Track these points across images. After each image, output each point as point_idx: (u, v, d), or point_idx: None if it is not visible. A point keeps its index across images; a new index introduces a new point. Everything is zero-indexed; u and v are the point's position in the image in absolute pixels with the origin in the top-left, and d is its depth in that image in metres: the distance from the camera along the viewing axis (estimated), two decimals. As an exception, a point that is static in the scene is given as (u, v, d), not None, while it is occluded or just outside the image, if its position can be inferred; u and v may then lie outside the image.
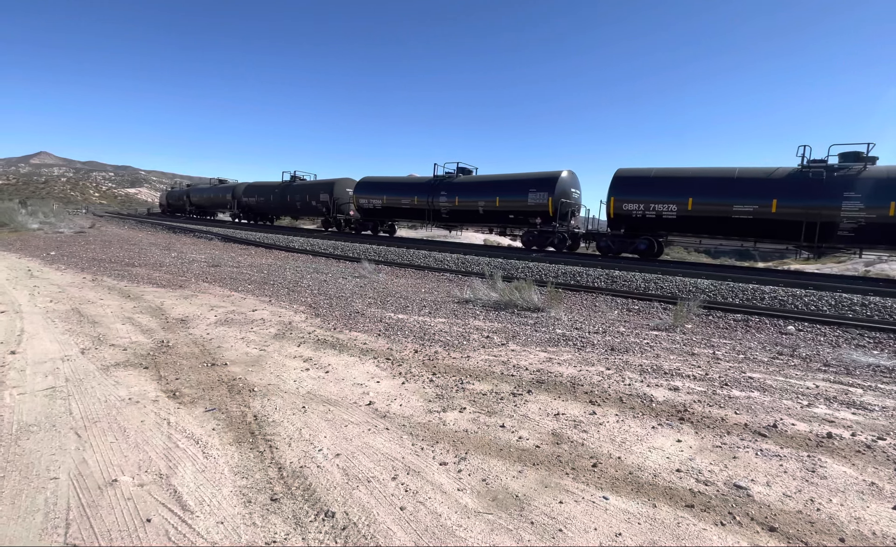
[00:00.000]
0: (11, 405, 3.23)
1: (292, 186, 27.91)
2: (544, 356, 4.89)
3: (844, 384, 4.34)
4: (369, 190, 23.22)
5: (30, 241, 15.26)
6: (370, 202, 22.90)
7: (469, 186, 19.58)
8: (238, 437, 2.93)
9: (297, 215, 29.61)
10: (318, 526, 2.11)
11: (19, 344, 4.59)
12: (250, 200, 31.00)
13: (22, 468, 2.48)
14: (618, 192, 15.12)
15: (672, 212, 13.96)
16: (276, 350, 4.76)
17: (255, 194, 30.83)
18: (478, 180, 19.73)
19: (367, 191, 23.30)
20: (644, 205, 14.47)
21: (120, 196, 76.26)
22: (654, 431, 3.19)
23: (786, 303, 8.37)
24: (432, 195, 20.22)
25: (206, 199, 37.32)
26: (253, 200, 30.82)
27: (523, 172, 18.24)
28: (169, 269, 10.29)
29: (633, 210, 14.66)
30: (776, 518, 2.27)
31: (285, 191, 28.01)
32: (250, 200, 31.00)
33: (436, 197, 20.04)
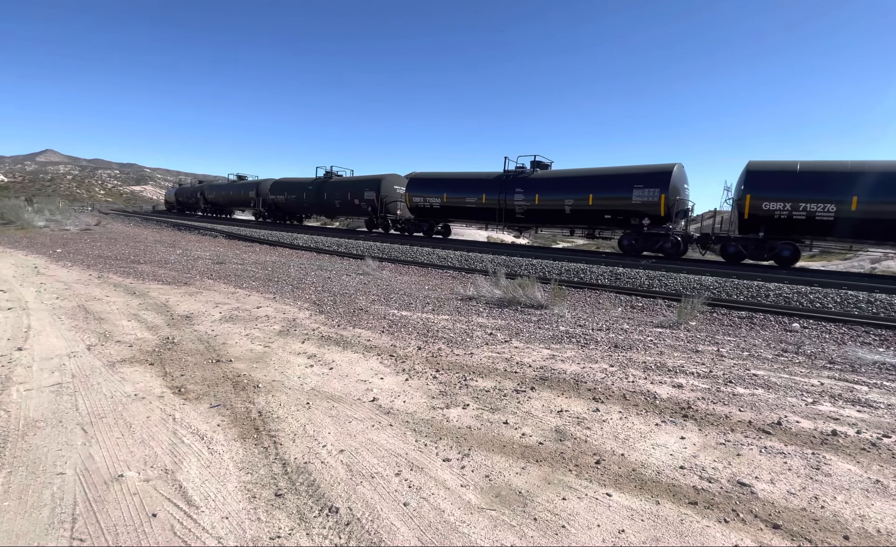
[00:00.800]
0: (18, 401, 3.26)
1: (330, 184, 25.42)
2: (548, 353, 4.89)
3: (849, 382, 4.31)
4: (425, 187, 20.64)
5: (36, 238, 15.35)
6: (426, 201, 20.38)
7: (552, 182, 16.87)
8: (243, 433, 2.94)
9: (333, 215, 27.60)
10: (321, 521, 2.13)
11: (26, 340, 4.63)
12: (278, 198, 28.76)
13: (29, 464, 2.51)
14: (755, 189, 12.87)
15: (829, 213, 11.87)
16: (280, 347, 4.78)
17: (283, 192, 28.46)
18: (565, 175, 17.00)
19: (422, 188, 20.73)
20: (792, 204, 12.32)
21: (125, 194, 76.61)
22: (658, 428, 3.19)
23: (791, 300, 8.32)
24: (504, 192, 17.68)
25: (224, 196, 35.42)
26: (281, 198, 28.50)
27: (625, 166, 15.66)
28: (174, 267, 10.33)
29: (777, 210, 12.51)
30: (780, 515, 2.26)
31: (321, 188, 25.55)
32: (278, 198, 28.76)
33: (508, 194, 17.51)
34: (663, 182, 14.14)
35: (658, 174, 14.36)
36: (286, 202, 28.49)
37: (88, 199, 62.76)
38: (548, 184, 17.00)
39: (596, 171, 16.26)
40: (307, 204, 27.12)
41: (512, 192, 17.57)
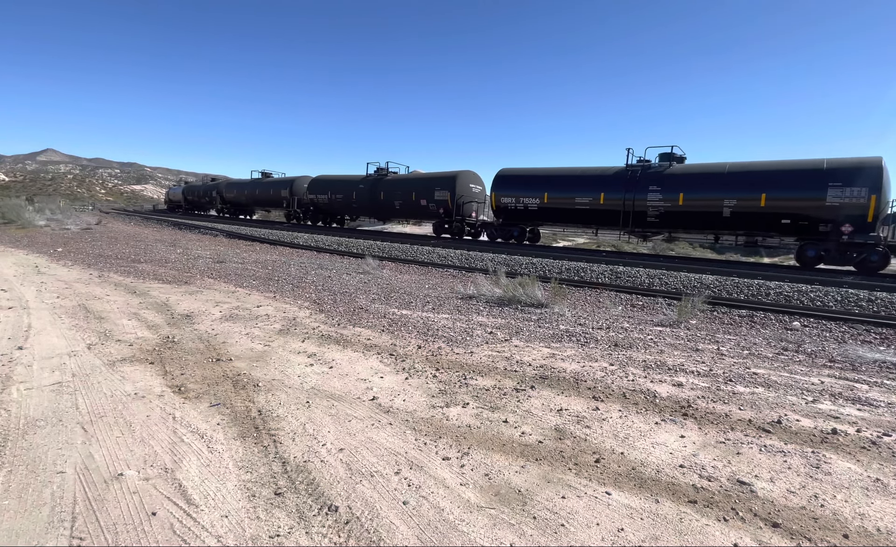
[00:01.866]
0: (19, 400, 3.27)
1: (386, 182, 22.48)
2: (548, 352, 4.89)
3: (850, 380, 4.31)
4: (519, 185, 17.55)
5: (37, 237, 15.37)
6: (520, 202, 17.28)
7: (703, 179, 13.74)
8: (242, 431, 2.94)
9: (389, 217, 24.47)
10: (321, 520, 2.13)
11: (27, 339, 4.64)
12: (318, 198, 25.80)
13: (29, 462, 2.51)
14: None
15: None
16: (280, 346, 4.78)
17: (325, 190, 25.47)
18: (723, 170, 13.63)
19: (515, 187, 17.64)
20: None
21: (126, 193, 76.63)
22: (658, 427, 3.19)
23: (791, 298, 8.32)
24: (632, 190, 14.73)
25: (248, 195, 32.54)
26: (323, 198, 25.55)
27: (813, 159, 12.56)
28: (174, 266, 10.34)
29: None
30: (780, 514, 2.26)
31: (375, 187, 22.65)
32: (318, 198, 25.80)
33: (638, 193, 14.59)
34: (873, 180, 11.32)
35: (865, 170, 11.53)
36: (329, 202, 25.43)
37: (89, 199, 62.81)
38: (696, 180, 13.83)
39: (770, 165, 13.10)
40: (356, 204, 24.08)
41: (643, 189, 14.51)
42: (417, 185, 20.98)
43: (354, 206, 24.34)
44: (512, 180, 17.95)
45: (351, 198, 24.08)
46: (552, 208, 16.77)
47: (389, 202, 22.10)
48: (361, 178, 23.83)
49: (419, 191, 20.70)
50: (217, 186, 36.64)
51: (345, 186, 24.53)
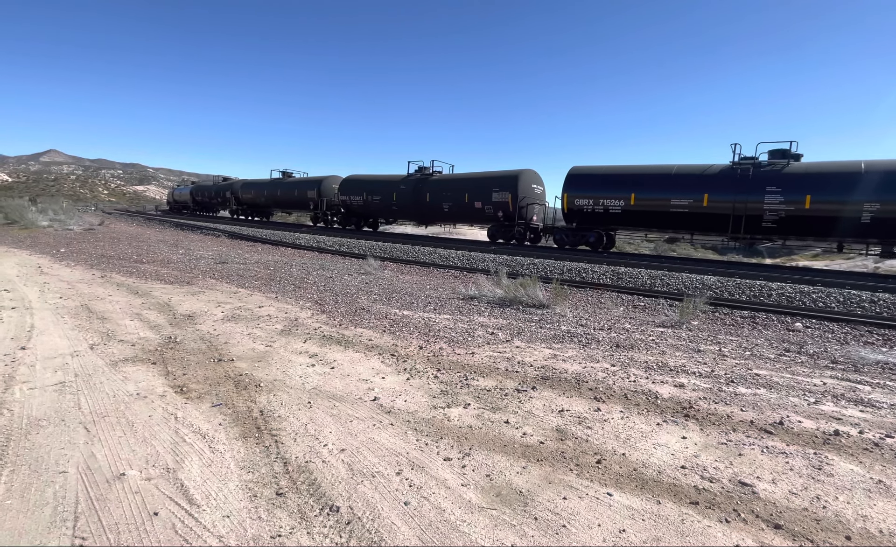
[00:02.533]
0: (21, 400, 3.28)
1: (432, 182, 20.39)
2: (549, 353, 4.89)
3: (852, 381, 4.30)
4: (597, 186, 15.50)
5: (40, 238, 15.42)
6: (598, 204, 15.27)
7: (838, 179, 11.88)
8: (244, 432, 2.95)
9: (434, 220, 21.93)
10: (322, 520, 2.13)
11: (29, 340, 4.65)
12: (352, 200, 23.77)
13: (31, 462, 2.52)
14: None
15: None
16: (282, 346, 4.79)
17: (360, 191, 23.36)
18: (858, 169, 11.68)
19: (591, 187, 15.56)
20: None
21: (128, 193, 76.85)
22: (659, 428, 3.18)
23: (793, 299, 8.30)
24: (745, 192, 12.91)
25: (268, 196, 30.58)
26: (357, 200, 23.51)
27: None
28: (176, 266, 10.36)
29: None
30: (781, 516, 2.25)
31: (419, 187, 20.57)
32: (352, 200, 23.77)
33: (752, 194, 12.78)
34: None
35: None
36: (364, 204, 23.33)
37: (92, 199, 63.00)
38: (828, 180, 12.00)
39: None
40: (397, 206, 22.01)
41: (758, 190, 12.73)
42: (471, 186, 18.69)
43: (394, 208, 22.22)
44: (589, 180, 15.76)
45: (390, 199, 21.94)
46: (640, 211, 14.58)
47: (436, 204, 19.91)
48: (402, 178, 21.66)
49: (474, 191, 18.45)
50: (231, 186, 34.90)
51: (383, 187, 22.40)
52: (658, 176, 14.52)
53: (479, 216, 18.86)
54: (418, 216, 22.01)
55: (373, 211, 23.83)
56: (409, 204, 21.28)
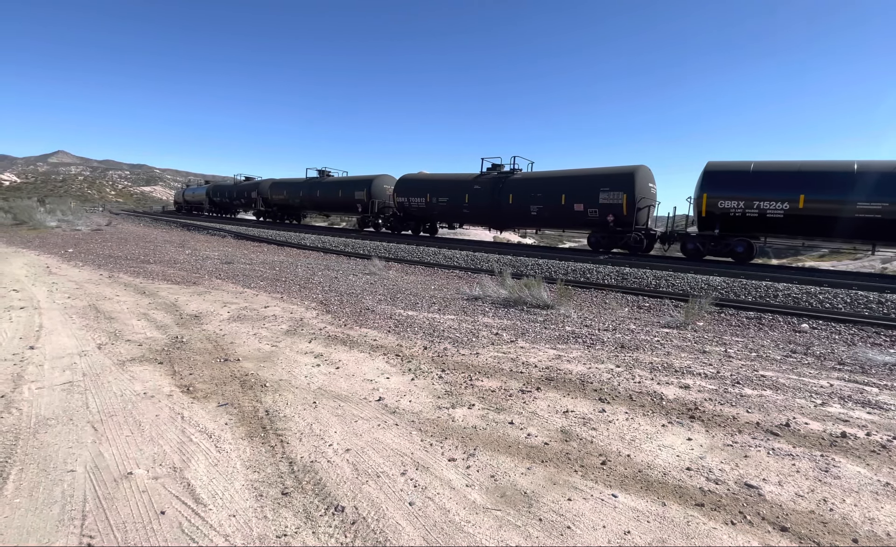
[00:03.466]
0: (30, 399, 3.31)
1: (513, 181, 17.39)
2: (553, 353, 4.88)
3: (859, 383, 4.27)
4: (748, 185, 12.79)
5: (48, 238, 15.55)
6: (751, 206, 12.59)
7: None
8: (250, 431, 2.97)
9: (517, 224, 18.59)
10: (327, 520, 2.14)
11: (38, 339, 4.69)
12: (412, 202, 20.85)
13: (40, 461, 2.55)
14: None
15: None
16: (287, 346, 4.81)
17: (423, 193, 20.30)
18: None
19: (740, 186, 12.90)
20: None
21: (136, 194, 77.36)
22: (665, 429, 3.17)
23: (800, 300, 8.25)
24: None
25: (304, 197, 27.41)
26: (418, 202, 20.53)
27: None
28: (183, 267, 10.42)
29: None
30: (788, 518, 2.24)
31: (499, 187, 17.56)
32: (412, 202, 20.85)
33: None
34: None
35: None
36: (426, 207, 20.52)
37: (99, 200, 63.47)
38: None
39: None
40: (469, 209, 18.93)
41: None
42: (571, 185, 15.68)
43: (465, 211, 19.15)
44: (738, 178, 13.10)
45: (461, 201, 18.94)
46: (811, 216, 11.96)
47: (522, 206, 16.86)
48: (474, 176, 18.96)
49: (574, 191, 15.43)
50: (258, 186, 32.20)
51: (452, 188, 19.52)
52: (836, 174, 11.96)
53: (579, 220, 15.79)
54: (496, 220, 18.67)
55: (436, 214, 20.74)
56: (484, 206, 18.29)
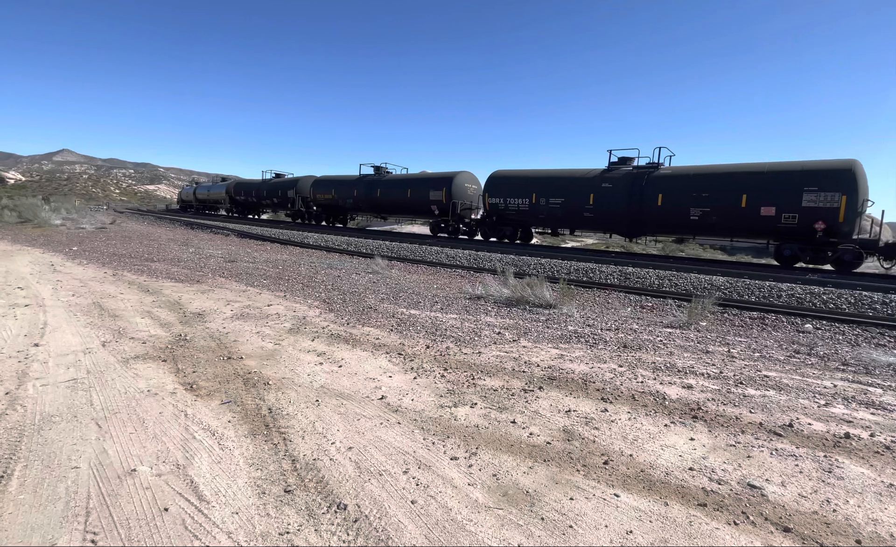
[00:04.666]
0: (35, 396, 3.33)
1: (658, 177, 14.63)
2: (556, 353, 4.88)
3: (863, 384, 4.25)
4: None
5: (53, 236, 15.62)
6: None
7: None
8: (253, 429, 2.98)
9: (665, 231, 15.49)
10: (330, 518, 2.15)
11: (42, 336, 4.72)
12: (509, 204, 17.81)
13: (44, 458, 2.56)
14: None
15: None
16: (290, 344, 4.82)
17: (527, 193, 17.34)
18: None
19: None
20: None
21: (140, 193, 77.60)
22: (667, 429, 3.17)
23: (803, 300, 8.21)
24: None
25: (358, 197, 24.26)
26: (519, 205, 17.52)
27: None
28: (186, 265, 10.46)
29: None
30: (791, 518, 2.24)
31: (641, 183, 14.78)
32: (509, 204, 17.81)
33: None
34: None
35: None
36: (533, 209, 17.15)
37: (104, 198, 63.70)
38: None
39: None
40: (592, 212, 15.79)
41: None
42: (755, 183, 12.61)
43: (588, 215, 16.03)
44: None
45: (582, 203, 16.02)
46: None
47: (676, 209, 13.94)
48: (599, 172, 15.84)
49: (761, 191, 12.44)
50: (296, 185, 29.10)
51: (569, 186, 16.51)
52: None
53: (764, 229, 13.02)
54: (633, 226, 15.49)
55: (544, 218, 17.27)
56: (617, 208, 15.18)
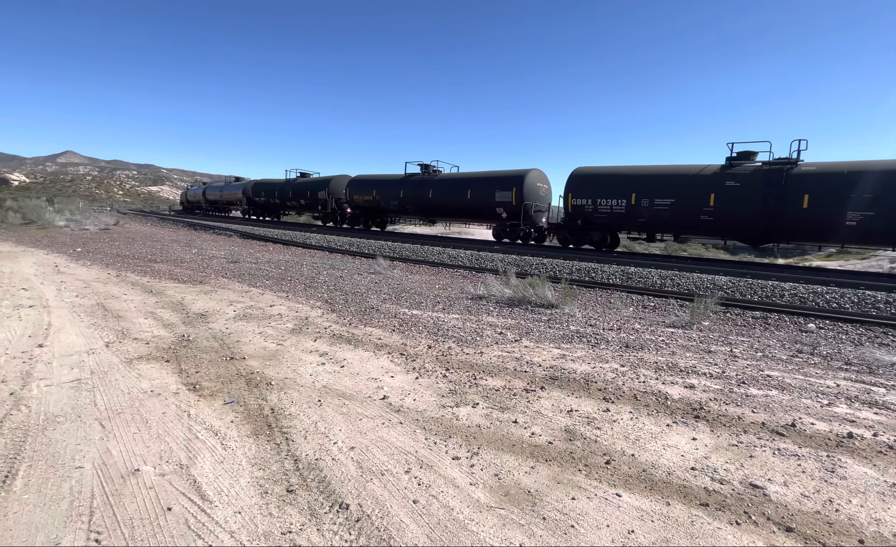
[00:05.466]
0: (39, 396, 3.35)
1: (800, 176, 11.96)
2: (558, 353, 4.88)
3: (867, 383, 4.24)
4: None
5: (57, 237, 15.68)
6: None
7: None
8: (255, 429, 2.99)
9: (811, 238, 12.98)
10: (332, 517, 2.15)
11: (46, 337, 4.74)
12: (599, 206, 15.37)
13: (48, 458, 2.57)
14: None
15: None
16: (292, 345, 4.83)
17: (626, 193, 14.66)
18: None
19: None
20: None
21: (143, 194, 77.88)
22: (669, 429, 3.17)
23: (806, 300, 8.19)
24: None
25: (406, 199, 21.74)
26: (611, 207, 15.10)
27: None
28: (189, 266, 10.49)
29: None
30: (793, 518, 2.23)
31: (778, 182, 12.18)
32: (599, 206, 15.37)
33: None
34: None
35: None
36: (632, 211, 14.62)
37: (107, 200, 63.94)
38: None
39: None
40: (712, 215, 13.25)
41: None
42: None
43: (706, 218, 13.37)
44: None
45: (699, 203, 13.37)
46: None
47: (825, 212, 11.63)
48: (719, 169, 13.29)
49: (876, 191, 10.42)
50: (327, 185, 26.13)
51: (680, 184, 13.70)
52: None
53: None
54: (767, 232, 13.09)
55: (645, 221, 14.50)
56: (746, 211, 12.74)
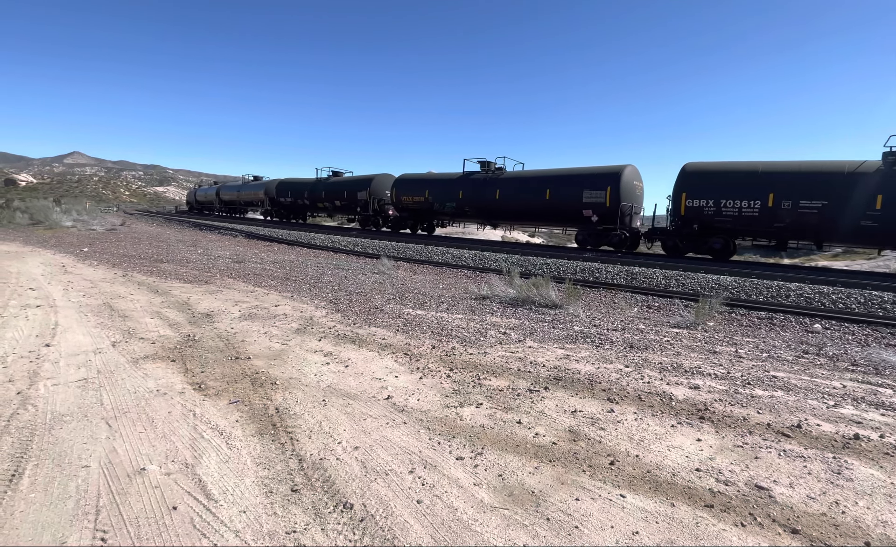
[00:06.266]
0: (46, 396, 3.37)
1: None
2: (562, 353, 4.87)
3: (873, 384, 4.20)
4: None
5: (64, 238, 15.81)
6: None
7: None
8: (260, 429, 3.00)
9: None
10: (336, 517, 2.16)
11: (54, 337, 4.78)
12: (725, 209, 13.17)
13: (55, 456, 2.60)
14: None
15: None
16: (297, 344, 4.85)
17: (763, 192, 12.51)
18: None
19: None
20: None
21: (149, 194, 78.34)
22: (674, 430, 3.15)
23: (812, 300, 8.13)
24: None
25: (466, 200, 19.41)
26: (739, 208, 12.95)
27: None
28: (195, 266, 10.54)
29: None
30: (799, 520, 2.22)
31: None
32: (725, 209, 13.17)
33: None
34: None
35: None
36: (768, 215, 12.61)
37: (114, 200, 64.38)
38: None
39: None
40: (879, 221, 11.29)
41: None
42: None
43: (866, 223, 11.57)
44: None
45: (861, 206, 11.49)
46: None
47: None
48: (856, 167, 11.65)
49: None
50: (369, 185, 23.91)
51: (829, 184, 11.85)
52: None
53: None
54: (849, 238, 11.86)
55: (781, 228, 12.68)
56: None
